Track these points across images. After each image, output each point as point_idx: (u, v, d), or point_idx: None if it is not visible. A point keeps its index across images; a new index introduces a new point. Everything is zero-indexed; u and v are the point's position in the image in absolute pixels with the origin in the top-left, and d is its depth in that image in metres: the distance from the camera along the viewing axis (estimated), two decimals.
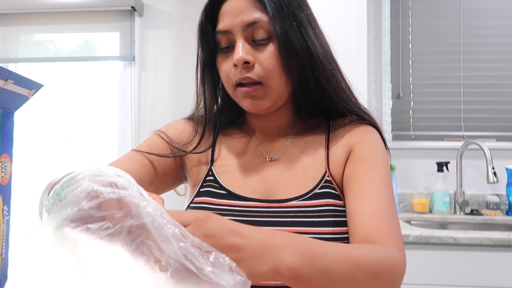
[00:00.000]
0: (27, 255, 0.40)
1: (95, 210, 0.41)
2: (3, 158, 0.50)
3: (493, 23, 2.31)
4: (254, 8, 0.73)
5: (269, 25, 0.73)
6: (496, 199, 2.12)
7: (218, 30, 0.76)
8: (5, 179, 0.50)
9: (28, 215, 2.39)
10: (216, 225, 0.46)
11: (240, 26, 0.73)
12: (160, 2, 2.49)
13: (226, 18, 0.75)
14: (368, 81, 2.27)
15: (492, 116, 2.28)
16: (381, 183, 0.72)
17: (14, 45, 2.57)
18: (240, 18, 0.73)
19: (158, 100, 2.47)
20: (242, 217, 0.73)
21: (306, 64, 0.75)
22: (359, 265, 0.57)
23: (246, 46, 0.73)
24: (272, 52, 0.74)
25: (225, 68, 0.77)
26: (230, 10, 0.74)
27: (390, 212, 0.69)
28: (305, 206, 0.72)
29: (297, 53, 0.74)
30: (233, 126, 0.88)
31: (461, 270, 1.61)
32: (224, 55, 0.77)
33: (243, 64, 0.73)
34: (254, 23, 0.73)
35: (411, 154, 2.27)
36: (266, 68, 0.73)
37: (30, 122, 2.58)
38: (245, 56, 0.72)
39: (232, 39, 0.75)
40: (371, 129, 0.82)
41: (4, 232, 0.50)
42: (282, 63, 0.74)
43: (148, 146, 0.82)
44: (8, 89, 0.49)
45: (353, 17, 1.86)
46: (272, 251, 0.49)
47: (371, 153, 0.76)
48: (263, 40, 0.74)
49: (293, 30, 0.74)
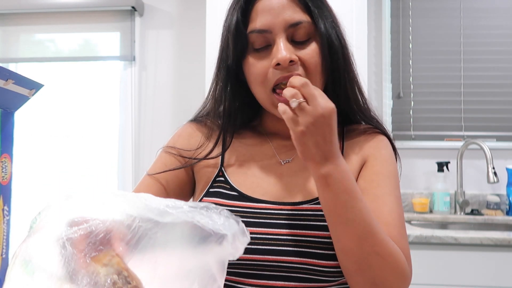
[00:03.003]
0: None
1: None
2: (4, 158, 0.50)
3: (493, 23, 2.30)
4: (296, 8, 0.72)
5: (311, 26, 0.73)
6: (497, 199, 2.12)
7: (254, 29, 0.73)
8: (5, 179, 0.50)
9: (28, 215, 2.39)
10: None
11: (282, 26, 0.71)
12: (160, 2, 2.49)
13: (265, 17, 0.72)
14: (369, 81, 2.27)
15: (492, 116, 2.28)
16: (393, 199, 0.74)
17: (15, 45, 2.57)
18: (282, 17, 0.71)
19: (158, 100, 2.47)
20: (253, 218, 0.73)
21: (341, 64, 0.76)
22: (378, 239, 0.64)
23: (288, 45, 0.71)
24: (315, 51, 0.73)
25: (261, 68, 0.73)
26: (269, 8, 0.72)
27: (401, 229, 0.71)
28: (317, 210, 0.72)
29: (336, 53, 0.75)
30: (246, 128, 0.86)
31: (461, 270, 1.61)
32: (258, 54, 0.74)
33: (288, 63, 0.71)
34: (298, 23, 0.72)
35: (412, 154, 2.27)
36: (309, 66, 0.72)
37: (30, 122, 2.58)
38: (291, 54, 0.70)
39: (270, 38, 0.72)
40: (385, 140, 0.82)
41: (4, 232, 0.50)
42: (323, 62, 0.74)
43: (164, 166, 0.81)
44: (8, 89, 0.49)
45: (354, 17, 1.86)
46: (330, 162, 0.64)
47: (384, 167, 0.77)
48: (303, 42, 0.73)
49: (333, 30, 0.75)
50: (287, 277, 0.70)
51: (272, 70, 0.72)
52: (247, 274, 0.71)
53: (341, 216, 0.63)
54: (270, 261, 0.69)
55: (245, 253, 0.69)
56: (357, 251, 0.63)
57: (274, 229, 0.71)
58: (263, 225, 0.72)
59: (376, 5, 2.36)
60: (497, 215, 2.08)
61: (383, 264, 0.63)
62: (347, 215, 0.63)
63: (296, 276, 0.70)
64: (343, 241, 0.64)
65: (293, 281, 0.70)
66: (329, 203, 0.64)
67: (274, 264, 0.70)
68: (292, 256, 0.69)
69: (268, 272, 0.70)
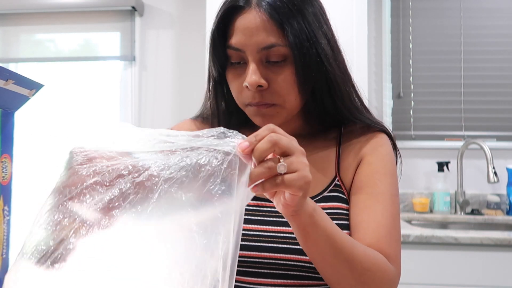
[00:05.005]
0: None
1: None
2: (4, 158, 0.50)
3: (493, 23, 2.30)
4: (270, 29, 0.68)
5: (286, 48, 0.68)
6: (497, 199, 2.12)
7: (229, 45, 0.71)
8: (5, 179, 0.50)
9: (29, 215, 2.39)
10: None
11: (254, 48, 0.69)
12: (160, 2, 2.49)
13: (239, 36, 0.69)
14: (369, 81, 2.27)
15: (492, 115, 2.28)
16: (388, 197, 0.73)
17: (15, 45, 2.57)
18: (255, 39, 0.68)
19: (158, 100, 2.47)
20: (251, 216, 0.73)
21: (323, 87, 0.73)
22: (357, 254, 0.62)
23: (259, 69, 0.69)
24: (288, 76, 0.70)
25: (236, 86, 0.73)
26: (244, 27, 0.69)
27: (392, 229, 0.71)
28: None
29: (314, 77, 0.71)
30: (243, 127, 0.83)
31: (461, 270, 1.61)
32: (235, 70, 0.73)
33: (256, 87, 0.69)
34: (270, 47, 0.68)
35: (412, 153, 2.27)
36: (280, 92, 0.70)
37: (30, 122, 2.58)
38: (258, 79, 0.68)
39: (244, 56, 0.70)
40: (384, 138, 0.80)
41: (4, 232, 0.50)
42: (298, 86, 0.71)
43: None
44: (8, 89, 0.49)
45: (354, 17, 1.86)
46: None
47: (381, 165, 0.76)
48: (278, 62, 0.70)
49: (312, 53, 0.69)
50: (280, 275, 0.70)
51: (245, 89, 0.71)
52: (239, 271, 0.71)
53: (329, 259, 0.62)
54: (262, 258, 0.70)
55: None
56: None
57: (273, 226, 0.71)
58: (261, 223, 0.72)
59: (376, 5, 2.36)
60: (497, 215, 2.08)
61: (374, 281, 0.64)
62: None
63: (289, 273, 0.70)
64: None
65: (286, 279, 0.70)
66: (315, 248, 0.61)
67: (265, 261, 0.70)
68: (284, 253, 0.69)
69: (260, 269, 0.70)
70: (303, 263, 0.69)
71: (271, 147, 0.49)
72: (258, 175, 0.49)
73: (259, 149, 0.48)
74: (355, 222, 0.72)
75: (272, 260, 0.70)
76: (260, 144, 0.49)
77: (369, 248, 0.66)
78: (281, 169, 0.49)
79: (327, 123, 0.82)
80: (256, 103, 0.71)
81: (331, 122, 0.82)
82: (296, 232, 0.59)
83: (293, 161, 0.50)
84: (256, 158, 0.48)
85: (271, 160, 0.49)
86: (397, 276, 0.69)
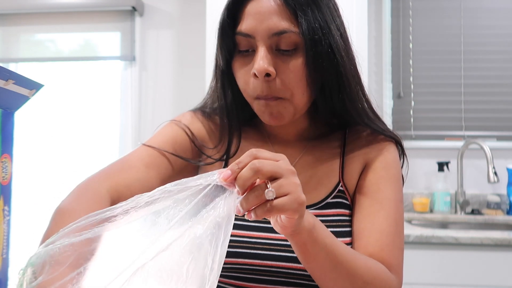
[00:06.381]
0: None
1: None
2: (4, 158, 0.50)
3: (493, 23, 2.30)
4: (283, 15, 0.65)
5: (298, 36, 0.66)
6: (497, 198, 2.12)
7: (239, 31, 0.68)
8: (5, 179, 0.50)
9: (29, 215, 2.39)
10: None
11: (265, 33, 0.66)
12: (160, 2, 2.49)
13: (250, 21, 0.67)
14: (369, 81, 2.27)
15: (492, 115, 2.28)
16: (392, 203, 0.72)
17: (15, 45, 2.58)
18: (266, 24, 0.65)
19: (158, 100, 2.48)
20: (252, 223, 0.72)
21: (333, 82, 0.69)
22: (358, 267, 0.61)
23: (268, 55, 0.66)
24: (297, 66, 0.67)
25: (243, 75, 0.70)
26: (255, 12, 0.66)
27: (395, 237, 0.70)
28: (317, 215, 0.70)
29: (325, 70, 0.68)
30: (248, 126, 0.82)
31: (461, 270, 1.61)
32: (242, 59, 0.70)
33: (264, 76, 0.66)
34: (282, 32, 0.65)
35: (412, 153, 2.25)
36: (289, 83, 0.67)
37: (30, 122, 2.58)
38: (267, 66, 0.65)
39: (254, 43, 0.67)
40: (391, 145, 0.79)
41: (5, 232, 0.49)
42: (307, 78, 0.67)
43: (173, 142, 0.76)
44: (8, 89, 0.49)
45: (354, 17, 1.86)
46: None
47: (386, 170, 0.75)
48: (288, 51, 0.67)
49: (324, 44, 0.66)
50: (281, 282, 0.70)
51: (252, 79, 0.68)
52: (232, 276, 0.71)
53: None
54: (264, 266, 0.69)
55: (231, 257, 0.69)
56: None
57: (274, 234, 0.70)
58: (262, 229, 0.72)
59: (376, 5, 2.36)
60: (498, 215, 2.08)
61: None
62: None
63: (290, 281, 0.70)
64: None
65: (287, 286, 0.70)
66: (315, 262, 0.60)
67: (267, 269, 0.69)
68: (286, 262, 0.69)
69: (262, 276, 0.70)
70: (305, 272, 0.68)
71: (254, 175, 0.47)
72: (247, 205, 0.48)
73: (242, 178, 0.47)
74: (358, 229, 0.72)
75: (274, 268, 0.69)
76: (242, 173, 0.47)
77: (370, 259, 0.65)
78: (269, 195, 0.47)
79: (333, 126, 0.80)
80: (264, 97, 0.68)
81: (337, 125, 0.80)
82: (295, 248, 0.58)
83: (282, 184, 0.48)
84: (240, 187, 0.47)
85: (258, 187, 0.48)
86: (398, 286, 0.68)
